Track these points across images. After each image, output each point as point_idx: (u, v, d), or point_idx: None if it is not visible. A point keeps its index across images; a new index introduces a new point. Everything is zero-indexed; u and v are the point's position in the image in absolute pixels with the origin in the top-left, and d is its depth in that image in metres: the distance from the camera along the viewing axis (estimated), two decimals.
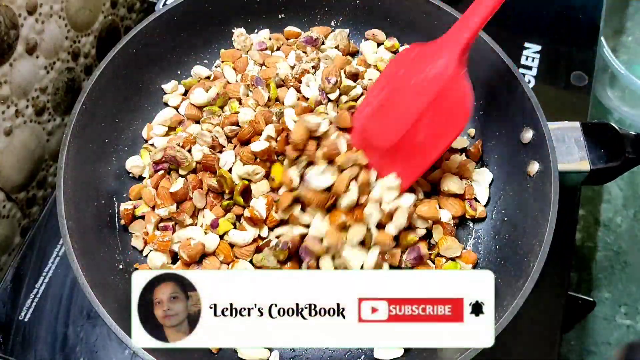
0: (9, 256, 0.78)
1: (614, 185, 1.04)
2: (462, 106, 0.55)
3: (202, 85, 0.71)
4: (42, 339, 0.68)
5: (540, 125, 0.61)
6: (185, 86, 0.73)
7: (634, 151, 0.63)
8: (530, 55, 0.89)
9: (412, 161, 0.59)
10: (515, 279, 0.57)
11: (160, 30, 0.71)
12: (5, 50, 0.68)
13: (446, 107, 0.56)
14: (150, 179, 0.67)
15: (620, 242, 1.00)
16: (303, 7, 0.77)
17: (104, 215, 0.65)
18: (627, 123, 1.03)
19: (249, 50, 0.75)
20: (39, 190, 0.81)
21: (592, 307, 0.77)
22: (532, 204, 0.61)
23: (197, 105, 0.71)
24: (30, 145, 0.76)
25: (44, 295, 0.71)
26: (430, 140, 0.58)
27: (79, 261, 0.56)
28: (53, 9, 0.74)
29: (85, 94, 0.64)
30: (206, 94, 0.70)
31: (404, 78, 0.59)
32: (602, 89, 1.02)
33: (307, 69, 0.70)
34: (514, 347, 0.67)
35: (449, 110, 0.56)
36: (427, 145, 0.58)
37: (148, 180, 0.67)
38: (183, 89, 0.74)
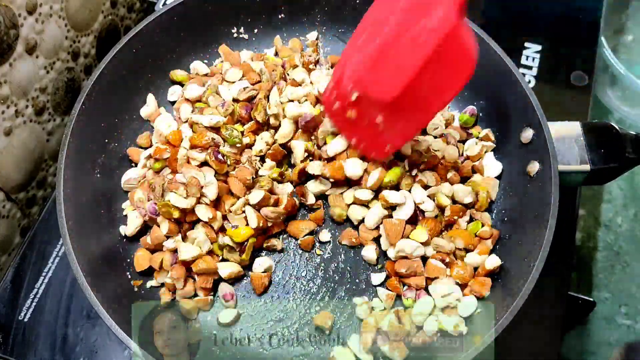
0: (9, 256, 0.78)
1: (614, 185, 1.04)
2: (465, 59, 0.53)
3: (197, 81, 0.72)
4: (42, 339, 0.68)
5: (541, 125, 0.61)
6: (177, 79, 0.74)
7: (634, 151, 0.63)
8: (530, 55, 0.89)
9: (414, 115, 0.58)
10: (516, 279, 0.57)
11: (160, 30, 0.71)
12: (5, 50, 0.68)
13: (449, 60, 0.53)
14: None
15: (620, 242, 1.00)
16: (303, 7, 0.77)
17: (104, 215, 0.65)
18: (627, 123, 1.03)
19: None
20: (39, 190, 0.81)
21: (592, 307, 0.77)
22: (532, 204, 0.61)
23: (190, 100, 0.71)
24: (30, 145, 0.76)
25: (44, 295, 0.71)
26: (433, 94, 0.56)
27: (79, 261, 0.56)
28: (53, 8, 0.74)
29: (85, 94, 0.64)
30: (201, 88, 0.70)
31: (397, 27, 0.55)
32: (602, 89, 1.02)
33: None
34: (514, 347, 0.67)
35: (451, 63, 0.53)
36: (430, 99, 0.56)
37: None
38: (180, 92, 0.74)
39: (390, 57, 0.56)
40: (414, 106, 0.57)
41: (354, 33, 0.61)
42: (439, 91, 0.55)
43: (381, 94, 0.57)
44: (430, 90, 0.55)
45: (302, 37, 0.78)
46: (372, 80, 0.58)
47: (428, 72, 0.54)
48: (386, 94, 0.57)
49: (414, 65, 0.53)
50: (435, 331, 0.58)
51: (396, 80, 0.55)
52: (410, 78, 0.54)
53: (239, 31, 0.77)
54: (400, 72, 0.55)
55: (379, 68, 0.57)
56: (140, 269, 0.63)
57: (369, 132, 0.61)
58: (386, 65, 0.56)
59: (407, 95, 0.55)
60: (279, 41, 0.77)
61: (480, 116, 0.71)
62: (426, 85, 0.55)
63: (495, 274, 0.62)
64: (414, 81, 0.54)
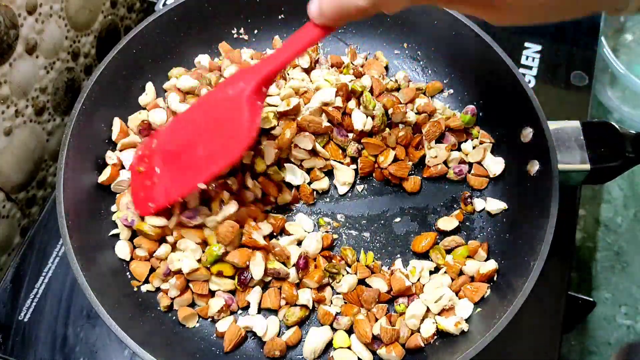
0: (8, 256, 0.78)
1: (614, 185, 1.04)
2: (242, 131, 0.55)
3: (194, 75, 0.72)
4: (42, 339, 0.68)
5: (541, 124, 0.61)
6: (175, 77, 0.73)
7: (634, 151, 0.63)
8: (530, 55, 0.89)
9: (187, 172, 0.59)
10: (516, 279, 0.57)
11: (160, 30, 0.71)
12: (5, 50, 0.68)
13: (229, 128, 0.56)
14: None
15: (620, 242, 1.00)
16: (303, 8, 0.77)
17: (104, 215, 0.65)
18: (627, 123, 1.03)
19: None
20: (39, 190, 0.81)
21: (592, 307, 0.77)
22: (533, 204, 0.61)
23: (182, 90, 0.71)
24: (30, 145, 0.76)
25: (43, 295, 0.71)
26: (208, 157, 0.57)
27: (78, 261, 0.56)
28: (53, 9, 0.74)
29: (85, 94, 0.64)
30: (195, 81, 0.70)
31: (205, 98, 0.62)
32: (602, 88, 1.02)
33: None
34: (514, 347, 0.67)
35: (231, 132, 0.56)
36: (204, 161, 0.58)
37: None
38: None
39: (189, 120, 0.62)
40: (188, 163, 0.59)
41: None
42: (215, 155, 0.57)
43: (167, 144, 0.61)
44: (206, 153, 0.58)
45: None
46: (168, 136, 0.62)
47: (209, 131, 0.58)
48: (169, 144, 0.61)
49: (200, 121, 0.59)
50: (432, 334, 0.58)
51: (183, 134, 0.60)
52: (193, 132, 0.59)
53: (239, 31, 0.77)
54: (188, 127, 0.61)
55: (178, 126, 0.63)
56: (142, 278, 0.63)
57: (144, 184, 0.62)
58: (184, 125, 0.62)
59: (186, 147, 0.59)
60: (279, 41, 0.77)
61: (480, 116, 0.71)
62: (203, 146, 0.58)
63: (495, 274, 0.62)
64: (194, 136, 0.59)
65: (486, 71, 0.69)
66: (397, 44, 0.77)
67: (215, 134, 0.58)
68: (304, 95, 0.69)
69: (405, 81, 0.74)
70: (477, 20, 0.69)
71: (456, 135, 0.70)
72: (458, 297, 0.61)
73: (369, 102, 0.66)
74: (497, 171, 0.67)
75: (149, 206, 0.61)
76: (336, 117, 0.66)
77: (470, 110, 0.71)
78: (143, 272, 0.62)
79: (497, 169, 0.67)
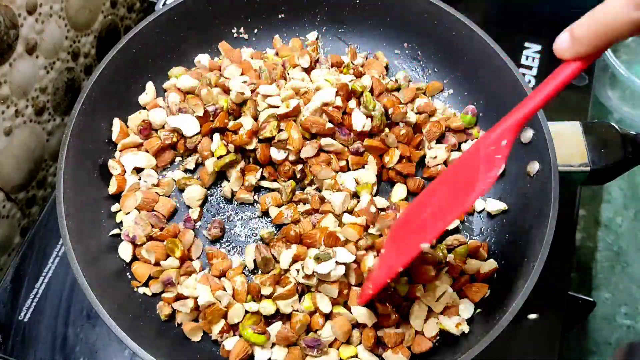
0: (8, 256, 0.78)
1: (614, 185, 1.04)
2: (470, 186, 0.48)
3: (194, 75, 0.72)
4: (42, 339, 0.68)
5: (541, 125, 0.61)
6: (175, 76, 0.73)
7: (634, 151, 0.63)
8: (530, 55, 0.89)
9: (412, 237, 0.53)
10: (516, 279, 0.57)
11: (160, 29, 0.71)
12: (5, 50, 0.68)
13: (463, 181, 0.50)
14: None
15: (620, 242, 1.00)
16: (303, 7, 0.77)
17: (104, 215, 0.65)
18: (627, 123, 1.03)
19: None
20: (39, 190, 0.81)
21: (593, 307, 0.77)
22: (532, 204, 0.61)
23: (182, 90, 0.70)
24: (30, 145, 0.76)
25: (44, 295, 0.71)
26: (434, 216, 0.51)
27: (79, 261, 0.56)
28: (53, 9, 0.74)
29: (85, 94, 0.64)
30: (195, 80, 0.70)
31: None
32: (602, 89, 1.02)
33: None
34: (515, 347, 0.67)
35: (464, 184, 0.49)
36: (430, 221, 0.51)
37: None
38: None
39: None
40: (414, 228, 0.53)
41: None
42: (442, 211, 0.51)
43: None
44: (435, 210, 0.52)
45: (302, 37, 0.78)
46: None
47: (444, 191, 0.52)
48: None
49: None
50: (435, 334, 0.58)
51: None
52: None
53: (239, 31, 0.77)
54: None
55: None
56: (143, 280, 0.62)
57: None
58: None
59: (415, 214, 0.54)
60: (279, 41, 0.77)
61: (480, 116, 0.71)
62: (433, 206, 0.52)
63: (495, 274, 0.62)
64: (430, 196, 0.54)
65: (486, 71, 0.69)
66: (397, 44, 0.77)
67: (447, 192, 0.52)
68: (304, 95, 0.69)
69: (406, 81, 0.74)
70: (477, 20, 0.69)
71: (456, 136, 0.70)
72: (459, 296, 0.61)
73: (369, 102, 0.66)
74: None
75: (368, 290, 0.55)
76: (336, 117, 0.66)
77: (471, 110, 0.71)
78: (144, 273, 0.62)
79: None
